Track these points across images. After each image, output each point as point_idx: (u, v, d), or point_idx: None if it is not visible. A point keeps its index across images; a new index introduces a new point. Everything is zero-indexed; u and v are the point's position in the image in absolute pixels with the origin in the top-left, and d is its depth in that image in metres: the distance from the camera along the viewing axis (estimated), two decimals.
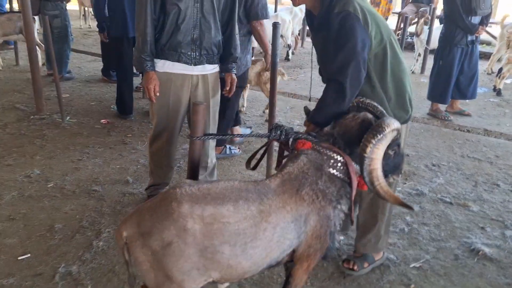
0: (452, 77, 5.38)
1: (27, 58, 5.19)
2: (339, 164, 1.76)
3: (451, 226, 3.11)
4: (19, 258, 2.51)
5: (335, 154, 1.76)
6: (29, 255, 2.55)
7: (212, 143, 3.12)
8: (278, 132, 1.90)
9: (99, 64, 7.18)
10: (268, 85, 5.45)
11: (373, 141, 1.67)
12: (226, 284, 2.30)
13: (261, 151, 2.08)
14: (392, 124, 1.71)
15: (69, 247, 2.64)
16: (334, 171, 1.75)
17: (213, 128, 2.96)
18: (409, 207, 1.77)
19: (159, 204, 1.58)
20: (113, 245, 2.67)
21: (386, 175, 1.81)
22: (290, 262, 1.85)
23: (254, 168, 2.08)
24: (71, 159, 3.93)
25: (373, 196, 2.32)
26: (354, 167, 1.76)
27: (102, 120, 5.03)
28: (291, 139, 1.91)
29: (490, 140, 5.13)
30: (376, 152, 1.69)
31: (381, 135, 1.67)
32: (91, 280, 2.36)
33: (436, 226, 3.09)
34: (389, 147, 1.76)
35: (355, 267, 2.47)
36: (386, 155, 1.76)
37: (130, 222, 1.59)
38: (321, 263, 2.60)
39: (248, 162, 2.09)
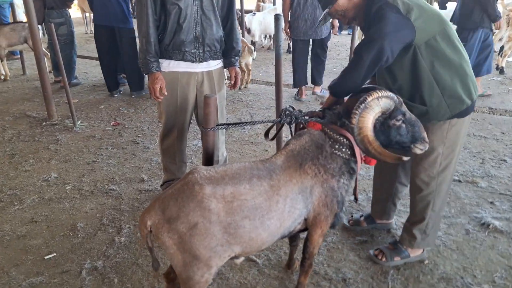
0: (474, 59, 5.47)
1: (33, 67, 5.30)
2: (343, 146, 1.89)
3: (460, 202, 3.18)
4: (46, 257, 2.62)
5: (341, 137, 1.89)
6: (54, 254, 2.65)
7: (222, 137, 3.19)
8: (288, 117, 2.00)
9: None
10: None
11: (358, 111, 1.79)
12: (242, 259, 2.41)
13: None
14: (375, 93, 1.79)
15: (93, 244, 2.74)
16: (337, 151, 1.89)
17: (221, 121, 3.04)
18: (405, 157, 1.81)
19: (181, 189, 1.69)
20: (135, 239, 2.77)
21: (408, 147, 1.92)
22: (303, 231, 2.02)
23: (272, 139, 2.22)
24: (86, 161, 4.04)
25: (423, 194, 2.34)
26: (357, 146, 1.88)
27: (112, 122, 5.14)
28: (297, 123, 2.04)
29: (495, 117, 5.17)
30: (363, 121, 1.80)
31: (364, 105, 1.79)
32: (117, 273, 2.46)
33: (446, 204, 3.15)
34: (391, 117, 1.84)
35: (383, 259, 2.50)
36: (390, 126, 1.85)
37: (153, 210, 1.69)
38: (336, 246, 2.69)
39: (266, 134, 2.22)
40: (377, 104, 1.80)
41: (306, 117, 1.99)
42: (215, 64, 2.90)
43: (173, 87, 2.81)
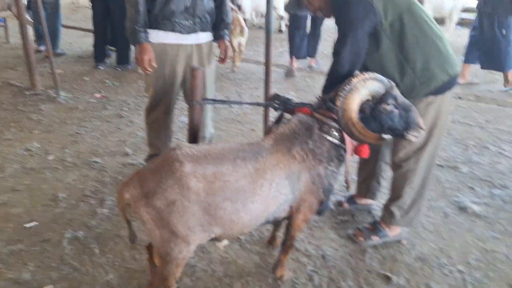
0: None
1: (17, 35, 5.17)
2: (332, 129, 1.87)
3: (441, 187, 3.23)
4: (26, 225, 2.60)
5: (329, 120, 1.87)
6: (36, 223, 2.63)
7: (209, 113, 3.17)
8: (277, 102, 1.97)
9: (90, 40, 7.13)
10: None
11: (343, 93, 1.77)
12: (225, 242, 2.42)
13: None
14: (362, 75, 1.78)
15: (74, 215, 2.72)
16: (326, 135, 1.86)
17: (209, 97, 3.01)
18: (385, 135, 1.81)
19: (161, 165, 1.66)
20: (117, 212, 2.76)
21: (402, 134, 1.87)
22: (288, 219, 1.98)
23: (276, 123, 2.18)
24: (69, 133, 3.98)
25: (401, 171, 2.36)
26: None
27: (96, 95, 5.06)
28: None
29: (481, 105, 5.23)
30: (347, 103, 1.76)
31: (349, 86, 1.76)
32: (98, 244, 2.45)
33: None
34: (381, 101, 1.82)
35: (361, 238, 2.53)
36: (381, 111, 1.82)
37: (132, 184, 1.67)
38: (317, 224, 2.72)
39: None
40: (364, 86, 1.78)
41: (297, 103, 1.97)
42: (205, 37, 2.86)
43: (161, 60, 2.76)
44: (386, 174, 2.75)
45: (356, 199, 2.90)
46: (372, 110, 1.83)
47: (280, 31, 9.77)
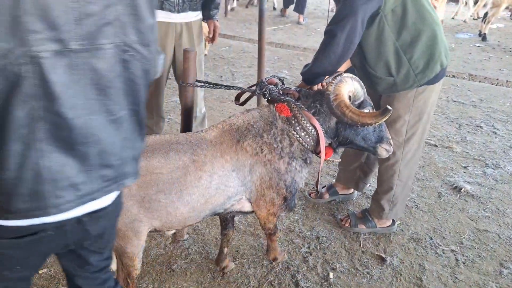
0: None
1: None
2: (309, 136, 1.79)
3: (435, 166, 3.25)
4: None
5: (310, 127, 1.79)
6: None
7: (200, 93, 3.12)
8: (263, 90, 1.91)
9: None
10: None
11: (334, 81, 1.73)
12: (173, 231, 2.39)
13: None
14: (348, 74, 1.78)
15: None
16: (298, 137, 1.79)
17: (199, 77, 2.96)
18: (386, 111, 1.69)
19: None
20: None
21: (373, 147, 1.88)
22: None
23: (242, 104, 2.11)
24: None
25: (389, 163, 2.32)
26: (324, 138, 1.79)
27: None
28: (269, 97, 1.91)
29: (475, 84, 5.23)
30: (339, 89, 1.72)
31: (340, 78, 1.74)
32: None
33: (421, 167, 3.22)
34: (360, 107, 1.80)
35: (347, 224, 2.52)
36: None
37: None
38: (312, 205, 2.73)
39: (237, 98, 2.14)
40: (351, 83, 1.76)
41: (282, 97, 1.84)
42: (195, 16, 2.80)
43: None
44: (373, 165, 2.68)
45: (337, 188, 2.83)
46: None
47: (274, 8, 9.64)
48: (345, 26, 1.82)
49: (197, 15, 2.81)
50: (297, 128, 1.78)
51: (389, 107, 1.64)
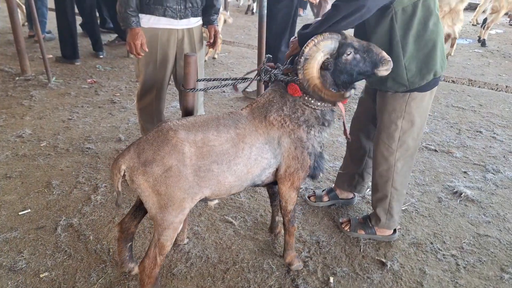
0: None
1: (5, 19, 5.06)
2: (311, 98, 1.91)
3: (435, 171, 3.25)
4: (20, 213, 2.58)
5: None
6: (29, 210, 2.61)
7: (200, 98, 3.15)
8: (268, 75, 1.98)
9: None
10: None
11: (300, 66, 1.79)
12: (216, 201, 2.62)
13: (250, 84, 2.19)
14: (311, 42, 1.80)
15: (68, 202, 2.71)
16: (306, 103, 1.91)
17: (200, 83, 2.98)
18: (343, 97, 1.80)
19: (156, 135, 1.75)
20: (111, 198, 2.75)
21: (373, 74, 1.90)
22: (275, 184, 2.08)
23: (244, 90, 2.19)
24: (61, 118, 3.94)
25: (382, 169, 2.32)
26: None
27: (88, 80, 5.00)
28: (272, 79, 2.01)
29: (474, 89, 5.24)
30: (307, 73, 1.78)
31: (303, 57, 1.79)
32: (93, 231, 2.45)
33: (421, 172, 3.22)
34: (340, 54, 1.83)
35: (347, 228, 2.53)
36: (344, 62, 1.85)
37: (128, 155, 1.72)
38: (312, 210, 2.73)
39: (235, 87, 2.21)
40: (317, 50, 1.79)
41: (287, 77, 1.93)
42: (196, 21, 2.83)
43: (153, 45, 2.72)
44: (371, 170, 2.66)
45: (337, 192, 2.83)
46: (335, 66, 1.86)
47: None
48: (352, 5, 1.81)
49: (198, 21, 2.84)
50: (311, 100, 1.90)
51: (347, 94, 1.78)
